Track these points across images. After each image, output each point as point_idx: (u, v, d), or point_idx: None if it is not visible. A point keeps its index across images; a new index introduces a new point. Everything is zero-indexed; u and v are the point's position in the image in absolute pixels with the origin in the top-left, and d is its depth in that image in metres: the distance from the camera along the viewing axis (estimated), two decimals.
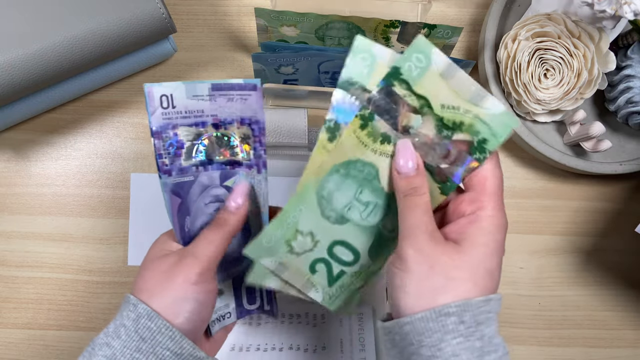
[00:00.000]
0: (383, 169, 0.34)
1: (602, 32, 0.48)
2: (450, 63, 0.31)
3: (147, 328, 0.32)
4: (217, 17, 0.56)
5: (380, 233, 0.36)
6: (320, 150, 0.33)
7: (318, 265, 0.37)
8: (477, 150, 0.32)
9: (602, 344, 0.54)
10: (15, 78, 0.43)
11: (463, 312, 0.29)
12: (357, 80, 0.32)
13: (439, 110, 0.32)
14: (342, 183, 0.34)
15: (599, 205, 0.56)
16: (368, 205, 0.35)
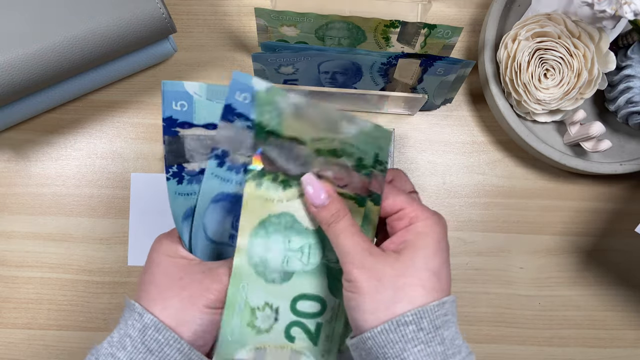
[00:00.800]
0: (298, 211, 0.35)
1: (602, 32, 0.48)
2: (295, 103, 0.32)
3: (155, 340, 0.31)
4: (217, 17, 0.56)
5: (329, 268, 0.36)
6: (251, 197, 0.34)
7: (293, 330, 0.36)
8: (361, 168, 0.34)
9: (602, 344, 0.54)
10: (15, 78, 0.43)
11: (420, 320, 0.30)
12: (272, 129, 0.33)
13: (312, 145, 0.33)
14: (267, 242, 0.35)
15: (599, 205, 0.56)
16: (303, 250, 0.35)
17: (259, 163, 0.34)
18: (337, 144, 0.33)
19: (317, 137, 0.33)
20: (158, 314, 0.32)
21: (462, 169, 0.56)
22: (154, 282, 0.33)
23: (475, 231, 0.55)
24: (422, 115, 0.56)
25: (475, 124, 0.56)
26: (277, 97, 0.32)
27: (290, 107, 0.32)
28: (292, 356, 0.36)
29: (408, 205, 0.33)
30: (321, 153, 0.33)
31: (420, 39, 0.49)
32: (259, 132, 0.33)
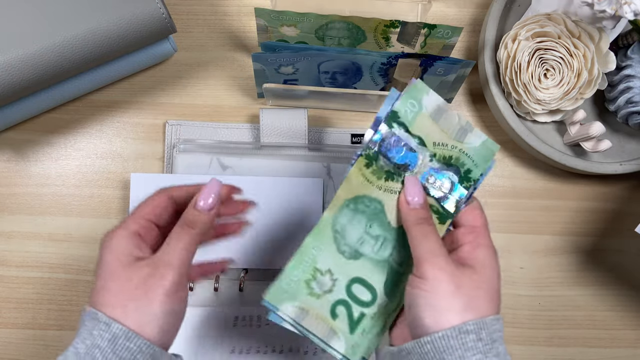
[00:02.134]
0: (388, 205, 0.37)
1: (602, 32, 0.48)
2: (439, 106, 0.36)
3: (126, 349, 0.31)
4: (217, 17, 0.56)
5: (391, 267, 0.37)
6: (356, 172, 0.36)
7: (338, 308, 0.37)
8: (464, 180, 0.37)
9: (602, 344, 0.54)
10: (15, 78, 0.43)
11: (480, 330, 0.32)
12: (403, 120, 0.36)
13: (432, 148, 0.36)
14: (353, 217, 0.37)
15: (599, 205, 0.56)
16: (378, 239, 0.37)
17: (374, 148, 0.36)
18: (456, 152, 0.36)
19: (440, 142, 0.36)
20: (121, 319, 0.32)
21: None
22: (113, 288, 0.33)
23: None
24: None
25: (475, 124, 0.56)
26: (424, 95, 0.36)
27: (432, 106, 0.36)
28: (328, 332, 0.37)
29: (483, 226, 0.37)
30: (436, 157, 0.36)
31: (420, 39, 0.49)
32: (391, 118, 0.36)
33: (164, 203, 0.37)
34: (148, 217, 0.36)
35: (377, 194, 0.37)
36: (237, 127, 0.54)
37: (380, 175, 0.36)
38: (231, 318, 0.48)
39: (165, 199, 0.37)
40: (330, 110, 0.55)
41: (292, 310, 0.36)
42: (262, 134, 0.51)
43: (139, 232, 0.35)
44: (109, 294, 0.32)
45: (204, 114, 0.55)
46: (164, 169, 0.53)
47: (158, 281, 0.33)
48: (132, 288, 0.32)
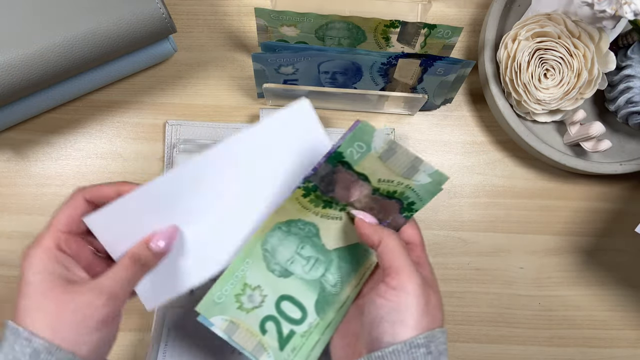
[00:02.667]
0: (324, 229, 0.38)
1: (602, 32, 0.48)
2: (389, 147, 0.35)
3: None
4: (217, 17, 0.56)
5: (323, 288, 0.38)
6: (292, 200, 0.36)
7: (268, 324, 0.38)
8: (405, 210, 0.37)
9: (602, 344, 0.54)
10: (15, 78, 0.43)
11: (429, 343, 0.32)
12: (347, 161, 0.35)
13: (376, 184, 0.36)
14: (284, 239, 0.37)
15: (599, 205, 0.56)
16: (309, 260, 0.38)
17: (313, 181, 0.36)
18: (401, 188, 0.36)
19: (387, 179, 0.36)
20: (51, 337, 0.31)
21: (462, 169, 0.56)
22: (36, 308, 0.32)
23: (475, 231, 0.55)
24: (422, 115, 0.56)
25: (475, 124, 0.56)
26: (372, 136, 0.34)
27: (382, 147, 0.34)
28: (256, 347, 0.38)
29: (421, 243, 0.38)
30: (379, 191, 0.36)
31: (420, 39, 0.49)
32: (334, 158, 0.35)
33: (81, 209, 0.36)
34: (66, 229, 0.35)
35: (312, 219, 0.37)
36: (237, 127, 0.54)
37: (318, 203, 0.37)
38: None
39: (82, 205, 0.36)
40: (330, 110, 0.55)
41: (222, 324, 0.37)
42: None
43: (60, 248, 0.34)
44: (40, 315, 0.32)
45: (204, 114, 0.55)
46: (164, 169, 0.53)
47: (99, 309, 0.33)
48: (69, 312, 0.32)
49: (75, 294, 0.33)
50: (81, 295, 0.33)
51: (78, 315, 0.32)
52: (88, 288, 0.33)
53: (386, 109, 0.55)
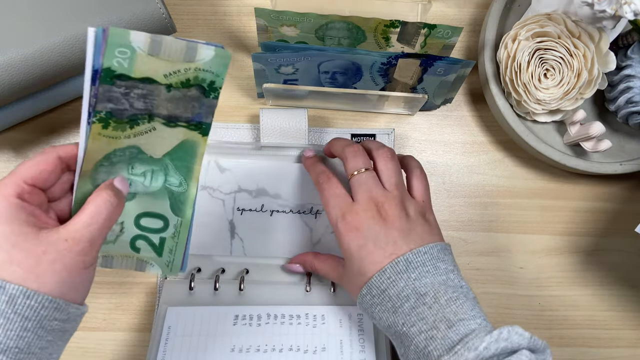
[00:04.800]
0: (144, 145, 0.37)
1: (602, 32, 0.48)
2: (152, 40, 0.33)
3: (28, 307, 0.31)
4: (217, 17, 0.56)
5: (171, 192, 0.39)
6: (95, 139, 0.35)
7: (137, 242, 0.40)
8: (210, 92, 0.36)
9: (602, 344, 0.54)
10: (15, 78, 0.43)
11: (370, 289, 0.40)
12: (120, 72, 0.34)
13: (164, 80, 0.35)
14: (110, 171, 0.37)
15: (599, 205, 0.56)
16: (145, 175, 0.38)
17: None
18: (191, 73, 0.35)
19: (172, 71, 0.34)
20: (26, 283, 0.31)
21: (462, 169, 0.56)
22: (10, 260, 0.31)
23: (475, 231, 0.55)
24: (422, 115, 0.56)
25: (475, 124, 0.56)
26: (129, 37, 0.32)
27: (145, 43, 0.33)
28: (137, 264, 0.40)
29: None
30: (174, 87, 0.35)
31: (420, 39, 0.49)
32: (106, 77, 0.33)
33: (52, 166, 0.34)
34: (32, 181, 0.34)
35: (127, 143, 0.36)
36: (237, 127, 0.54)
37: (124, 127, 0.35)
38: (231, 317, 0.48)
39: (55, 161, 0.35)
40: (330, 110, 0.55)
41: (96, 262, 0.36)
42: (262, 134, 0.51)
43: (22, 197, 0.33)
44: (15, 268, 0.31)
45: None
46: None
47: (77, 256, 0.32)
48: (48, 261, 0.31)
49: (50, 243, 0.32)
50: (57, 243, 0.32)
51: (57, 265, 0.32)
52: (64, 236, 0.32)
53: (386, 109, 0.55)
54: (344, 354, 0.46)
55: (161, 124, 0.37)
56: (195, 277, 0.50)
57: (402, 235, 0.40)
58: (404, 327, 0.38)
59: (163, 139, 0.37)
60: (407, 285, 0.38)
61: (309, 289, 0.50)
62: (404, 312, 0.38)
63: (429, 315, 0.37)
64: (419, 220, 0.42)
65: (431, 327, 0.37)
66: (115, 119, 0.35)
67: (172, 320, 0.48)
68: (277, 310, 0.49)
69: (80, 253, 0.32)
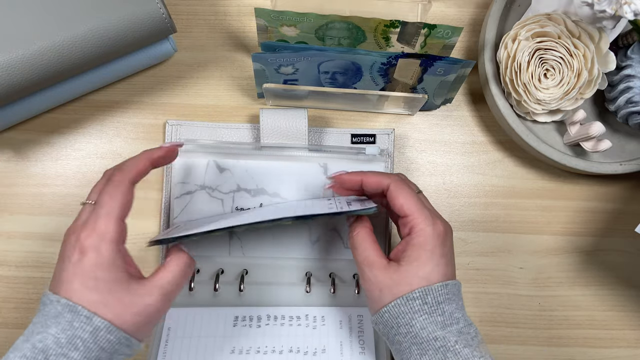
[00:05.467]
0: None
1: (602, 32, 0.48)
2: None
3: (107, 340, 0.34)
4: (217, 17, 0.56)
5: None
6: None
7: None
8: None
9: (602, 344, 0.54)
10: (15, 78, 0.43)
11: (425, 296, 0.38)
12: None
13: None
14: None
15: (599, 205, 0.56)
16: None
17: None
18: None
19: None
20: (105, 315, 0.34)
21: (462, 169, 0.56)
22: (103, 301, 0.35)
23: (475, 231, 0.55)
24: (422, 115, 0.56)
25: (475, 124, 0.56)
26: None
27: None
28: None
29: (412, 212, 0.40)
30: None
31: (420, 39, 0.49)
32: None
33: (130, 196, 0.38)
34: (124, 215, 0.37)
35: None
36: (237, 127, 0.54)
37: None
38: (231, 318, 0.48)
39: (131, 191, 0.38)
40: (330, 110, 0.55)
41: None
42: (262, 134, 0.51)
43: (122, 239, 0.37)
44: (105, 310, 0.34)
45: (204, 114, 0.55)
46: (164, 169, 0.53)
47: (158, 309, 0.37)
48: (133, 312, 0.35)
49: (138, 295, 0.36)
50: (144, 297, 0.36)
51: (142, 317, 0.36)
52: (149, 290, 0.36)
53: (386, 109, 0.55)
54: (344, 355, 0.46)
55: None
56: (194, 278, 0.50)
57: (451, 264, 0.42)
58: (456, 344, 0.37)
59: None
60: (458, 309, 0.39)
61: (309, 290, 0.50)
62: (453, 332, 0.38)
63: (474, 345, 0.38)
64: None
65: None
66: None
67: (172, 321, 0.48)
68: (277, 312, 0.49)
69: (160, 306, 0.37)
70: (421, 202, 0.41)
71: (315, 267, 0.52)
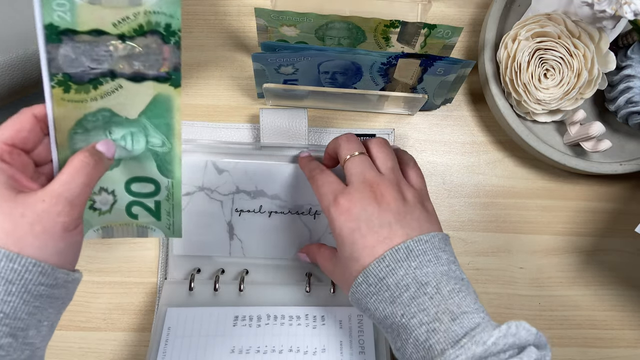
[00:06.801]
0: (114, 106, 0.35)
1: (602, 32, 0.48)
2: None
3: (12, 270, 0.29)
4: (217, 17, 0.56)
5: (155, 153, 0.37)
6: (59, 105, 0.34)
7: (133, 208, 0.39)
8: (169, 36, 0.33)
9: (602, 344, 0.54)
10: (15, 78, 0.43)
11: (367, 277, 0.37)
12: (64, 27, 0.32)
13: (114, 30, 0.32)
14: (86, 138, 0.35)
15: (599, 205, 0.56)
16: (125, 138, 0.36)
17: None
18: (142, 18, 0.32)
19: (120, 18, 0.32)
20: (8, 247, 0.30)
21: (462, 169, 0.56)
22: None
23: (475, 231, 0.55)
24: (422, 115, 0.56)
25: (475, 124, 0.56)
26: None
27: None
28: (139, 230, 0.40)
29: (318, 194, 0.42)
30: (128, 36, 0.33)
31: (420, 39, 0.49)
32: (51, 34, 0.31)
33: (29, 125, 0.34)
34: (12, 141, 0.33)
35: (96, 105, 0.34)
36: (237, 127, 0.54)
37: (87, 88, 0.34)
38: (231, 318, 0.48)
39: (31, 120, 0.34)
40: (330, 110, 0.55)
41: (98, 234, 0.37)
42: (262, 134, 0.51)
43: (2, 158, 0.32)
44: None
45: (204, 114, 0.55)
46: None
47: (57, 218, 0.31)
48: (27, 224, 0.30)
49: (28, 205, 0.30)
50: (35, 205, 0.31)
51: (36, 228, 0.30)
52: (41, 197, 0.31)
53: (386, 109, 0.55)
54: (344, 355, 0.46)
55: (127, 81, 0.34)
56: (195, 277, 0.50)
57: (397, 218, 0.38)
58: (403, 318, 0.35)
59: (133, 96, 0.35)
60: (407, 274, 0.36)
61: (309, 290, 0.50)
62: (403, 303, 0.36)
63: (431, 307, 0.35)
64: (417, 206, 0.40)
65: (433, 319, 0.34)
66: (74, 81, 0.33)
67: (172, 321, 0.48)
68: (277, 311, 0.49)
69: (60, 214, 0.31)
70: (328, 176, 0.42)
71: (316, 267, 0.52)
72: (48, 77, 0.33)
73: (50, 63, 0.32)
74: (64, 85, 0.33)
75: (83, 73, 0.33)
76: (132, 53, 0.34)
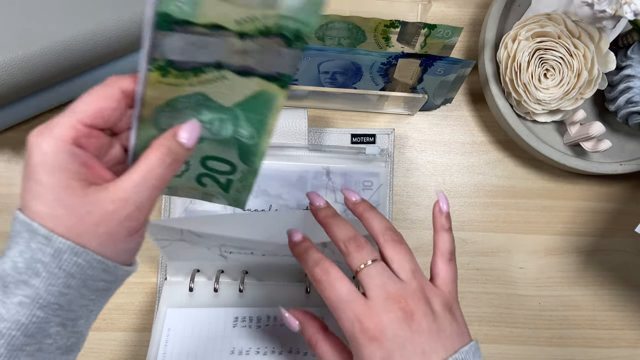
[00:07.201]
0: (212, 92, 0.33)
1: (602, 32, 0.48)
2: None
3: (75, 264, 0.28)
4: None
5: (240, 142, 0.36)
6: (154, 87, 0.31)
7: (204, 179, 0.38)
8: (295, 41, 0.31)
9: (602, 344, 0.54)
10: (15, 78, 0.43)
11: None
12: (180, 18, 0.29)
13: (236, 28, 0.30)
14: (174, 117, 0.33)
15: (599, 205, 0.56)
16: (212, 122, 0.34)
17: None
18: (272, 20, 0.30)
19: (247, 17, 0.30)
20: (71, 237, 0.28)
21: (462, 169, 0.56)
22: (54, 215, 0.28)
23: (475, 231, 0.55)
24: (422, 115, 0.56)
25: (475, 124, 0.56)
26: None
27: None
28: (204, 196, 0.38)
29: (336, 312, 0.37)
30: (249, 35, 0.30)
31: (420, 39, 0.49)
32: (161, 25, 0.29)
33: (115, 102, 0.30)
34: (92, 121, 0.30)
35: (192, 89, 0.32)
36: None
37: (187, 75, 0.31)
38: (231, 319, 0.48)
39: (117, 95, 0.31)
40: (330, 110, 0.55)
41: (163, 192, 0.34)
42: None
43: (78, 143, 0.29)
44: (57, 223, 0.28)
45: None
46: None
47: (123, 222, 0.29)
48: (91, 223, 0.28)
49: (97, 204, 0.28)
50: (104, 205, 0.28)
51: (100, 229, 0.28)
52: (111, 197, 0.28)
53: (386, 108, 0.55)
54: None
55: (233, 73, 0.32)
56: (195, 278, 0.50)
57: (430, 340, 0.34)
58: None
59: (234, 88, 0.33)
60: None
61: (309, 290, 0.50)
62: None
63: None
64: (447, 318, 0.35)
65: None
66: (175, 68, 0.31)
67: (172, 321, 0.48)
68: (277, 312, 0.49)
69: (127, 218, 0.29)
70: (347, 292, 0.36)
71: None
72: (147, 61, 0.30)
73: (154, 48, 0.29)
74: (163, 70, 0.31)
75: (188, 62, 0.31)
76: (248, 50, 0.31)
